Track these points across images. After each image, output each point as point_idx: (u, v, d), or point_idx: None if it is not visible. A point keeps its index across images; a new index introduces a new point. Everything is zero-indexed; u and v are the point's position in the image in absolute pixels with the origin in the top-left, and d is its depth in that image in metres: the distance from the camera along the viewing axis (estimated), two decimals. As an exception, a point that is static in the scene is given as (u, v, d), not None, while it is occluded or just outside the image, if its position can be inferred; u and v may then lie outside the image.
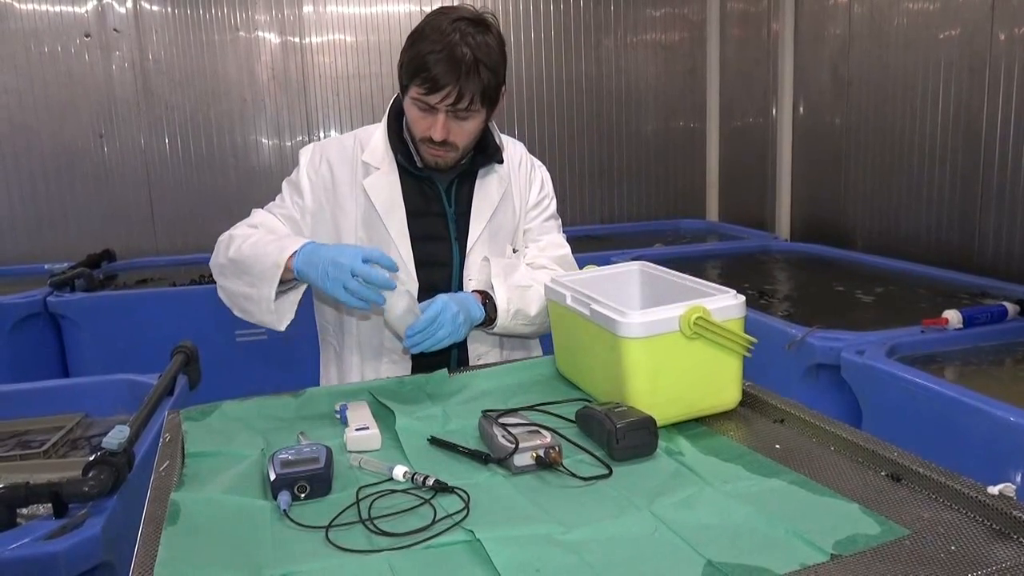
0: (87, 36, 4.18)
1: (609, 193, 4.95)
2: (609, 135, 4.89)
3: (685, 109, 4.98)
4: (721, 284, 1.39)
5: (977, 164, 3.11)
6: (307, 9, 4.40)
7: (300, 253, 1.52)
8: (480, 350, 1.77)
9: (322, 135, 4.51)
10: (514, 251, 1.80)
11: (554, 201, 1.87)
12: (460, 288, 1.72)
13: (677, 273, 1.51)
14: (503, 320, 1.65)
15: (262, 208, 1.78)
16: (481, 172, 1.74)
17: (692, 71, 4.95)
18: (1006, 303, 2.42)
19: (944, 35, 3.23)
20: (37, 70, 4.13)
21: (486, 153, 1.71)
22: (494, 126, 1.73)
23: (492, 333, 1.71)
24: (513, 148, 1.82)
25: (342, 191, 1.70)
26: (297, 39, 4.41)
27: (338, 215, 1.70)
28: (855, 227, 3.83)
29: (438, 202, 1.71)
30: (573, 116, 4.80)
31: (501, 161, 1.74)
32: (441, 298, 1.55)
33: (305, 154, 1.75)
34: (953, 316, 2.32)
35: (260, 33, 4.38)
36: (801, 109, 4.20)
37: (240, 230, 1.69)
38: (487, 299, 1.65)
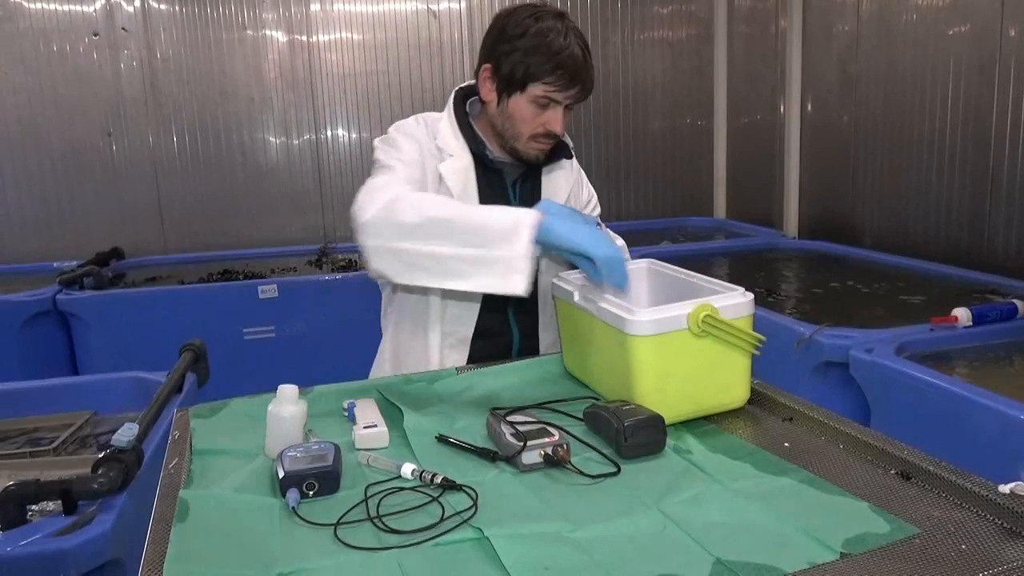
0: (95, 35, 4.19)
1: (616, 191, 4.94)
2: (616, 132, 4.88)
3: (692, 106, 4.97)
4: (729, 282, 1.39)
5: (987, 161, 3.10)
6: (314, 7, 4.40)
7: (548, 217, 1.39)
8: (547, 340, 1.80)
9: (329, 133, 4.52)
10: None
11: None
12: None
13: (685, 271, 1.50)
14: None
15: (375, 175, 1.62)
16: (546, 168, 1.78)
17: (699, 68, 4.94)
18: (1016, 301, 2.40)
19: (953, 32, 3.21)
20: (46, 69, 4.15)
21: (555, 148, 1.75)
22: None
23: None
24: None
25: (424, 166, 1.69)
26: (304, 37, 4.42)
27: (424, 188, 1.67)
28: (864, 224, 3.82)
29: (503, 195, 1.74)
30: (580, 113, 4.79)
31: (571, 156, 1.81)
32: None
33: (397, 130, 1.70)
34: (962, 314, 2.30)
35: (267, 31, 4.39)
36: (809, 106, 4.18)
37: (405, 190, 1.52)
38: None
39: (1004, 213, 3.04)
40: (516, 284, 1.35)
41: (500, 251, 1.36)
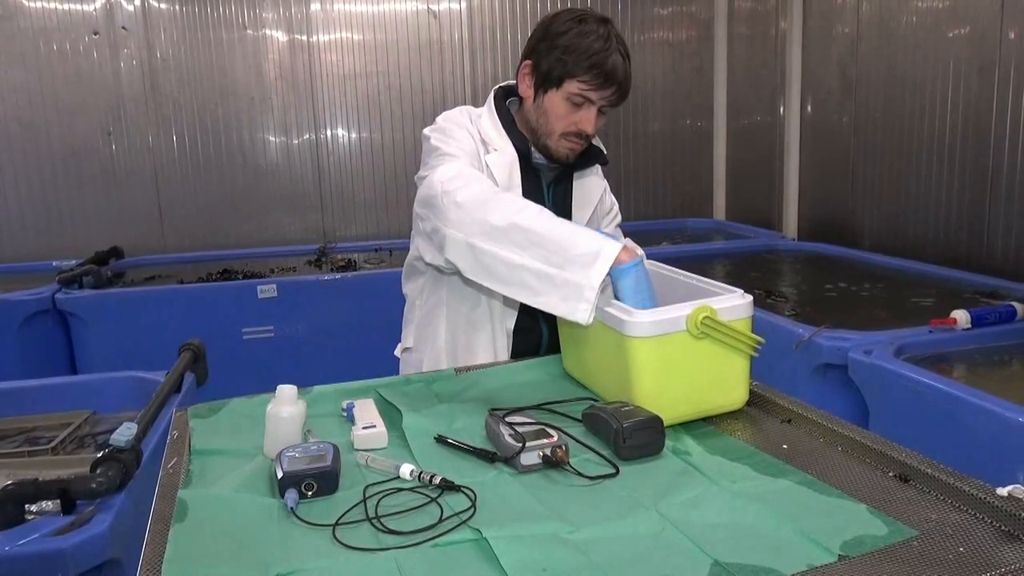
0: (95, 34, 4.19)
1: (616, 192, 4.89)
2: (616, 134, 4.88)
3: (692, 108, 4.97)
4: (728, 283, 1.39)
5: (986, 163, 3.10)
6: (314, 7, 4.40)
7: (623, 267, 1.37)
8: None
9: (329, 133, 4.52)
10: None
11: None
12: None
13: (684, 272, 1.51)
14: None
15: (442, 162, 1.60)
16: (578, 173, 1.80)
17: (699, 70, 4.94)
18: (1015, 303, 2.40)
19: (953, 34, 3.22)
20: (45, 68, 4.14)
21: (589, 153, 1.77)
22: None
23: None
24: None
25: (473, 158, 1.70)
26: (304, 37, 4.42)
27: None
28: (863, 226, 3.82)
29: (539, 195, 1.75)
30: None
31: (606, 162, 1.82)
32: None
33: (446, 120, 1.70)
34: (961, 316, 2.31)
35: (267, 31, 4.39)
36: (809, 108, 4.19)
37: (486, 184, 1.54)
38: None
39: (1003, 215, 3.04)
40: (580, 313, 1.32)
41: (574, 276, 1.33)
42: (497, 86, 1.79)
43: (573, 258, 1.34)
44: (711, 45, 4.89)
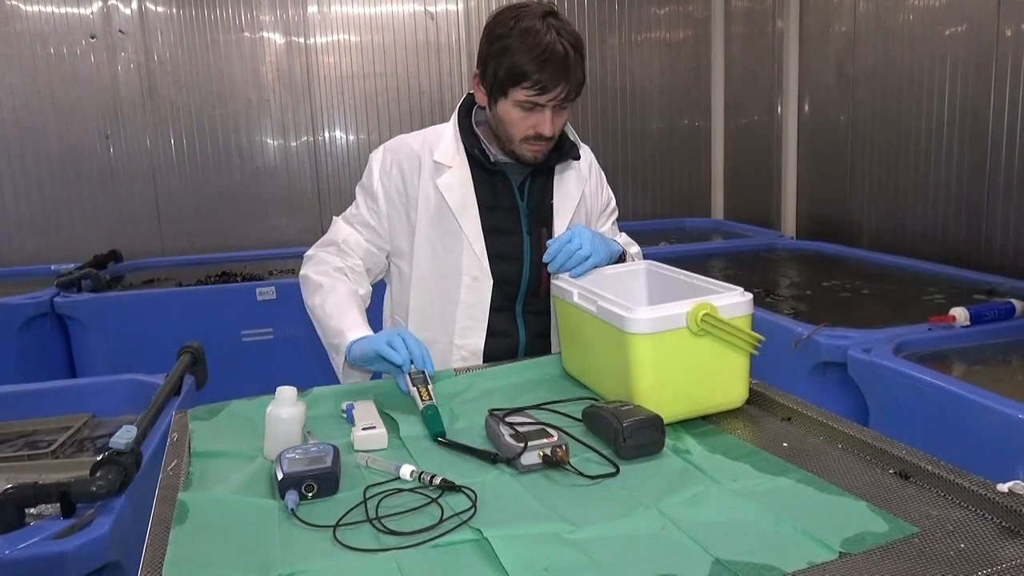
0: (93, 37, 4.19)
1: (614, 191, 4.88)
2: (614, 133, 4.88)
3: (690, 107, 4.97)
4: (727, 282, 1.39)
5: (984, 161, 3.10)
6: (312, 9, 4.40)
7: (351, 351, 1.58)
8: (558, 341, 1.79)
9: (327, 135, 4.52)
10: None
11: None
12: (533, 280, 1.74)
13: (684, 271, 1.51)
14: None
15: (339, 218, 1.80)
16: (559, 168, 1.77)
17: (697, 69, 4.94)
18: (1013, 300, 2.41)
19: (950, 31, 3.22)
20: (43, 71, 4.14)
21: (563, 149, 1.75)
22: (568, 123, 1.75)
23: None
24: (584, 150, 1.85)
25: (413, 191, 1.73)
26: (302, 39, 4.42)
27: (411, 215, 1.73)
28: (861, 225, 3.82)
29: (510, 197, 1.74)
30: (577, 114, 4.79)
31: (578, 157, 1.79)
32: (577, 225, 1.61)
33: (375, 159, 1.77)
34: (960, 313, 2.31)
35: (265, 33, 4.39)
36: (806, 107, 4.19)
37: (316, 269, 1.74)
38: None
39: (1001, 212, 3.05)
40: (340, 376, 1.66)
41: (331, 356, 1.67)
42: (468, 92, 1.75)
43: (329, 345, 1.67)
44: (708, 44, 4.89)
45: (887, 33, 3.55)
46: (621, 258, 1.71)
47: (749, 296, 1.33)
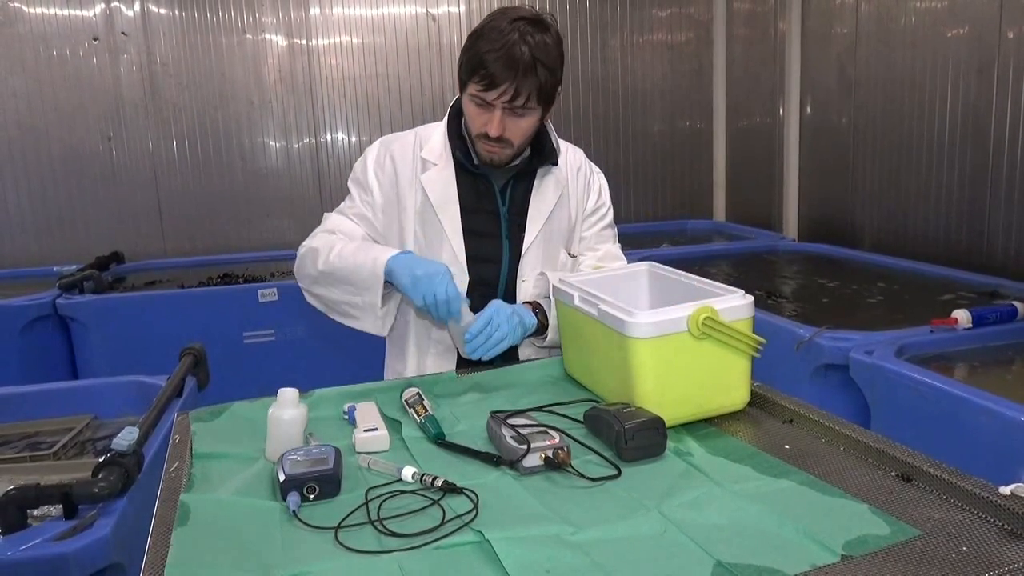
0: (95, 39, 4.19)
1: (616, 193, 4.86)
2: (615, 135, 4.88)
3: (692, 109, 4.98)
4: (729, 284, 1.39)
5: (986, 163, 3.10)
6: (314, 11, 4.41)
7: (394, 261, 1.56)
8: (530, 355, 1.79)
9: (329, 137, 4.52)
10: (571, 256, 1.82)
11: (611, 210, 1.90)
12: (510, 284, 1.75)
13: (685, 273, 1.51)
14: (552, 335, 1.67)
15: (333, 212, 1.80)
16: (539, 173, 1.76)
17: (699, 71, 4.94)
18: (1016, 303, 2.40)
19: (952, 34, 3.22)
20: (45, 73, 4.15)
21: (543, 154, 1.74)
22: (551, 128, 1.75)
23: (543, 346, 1.73)
24: (573, 153, 1.84)
25: (403, 186, 1.73)
26: (304, 41, 4.43)
27: (400, 209, 1.74)
28: (863, 227, 3.82)
29: (491, 199, 1.73)
30: (579, 116, 4.80)
31: (556, 163, 1.76)
32: (494, 302, 1.59)
33: (371, 152, 1.78)
34: (962, 316, 2.31)
35: (267, 35, 4.39)
36: (808, 109, 4.19)
37: (321, 239, 1.71)
38: (537, 309, 1.68)
39: (1003, 214, 3.05)
40: (383, 330, 1.66)
41: (364, 297, 1.60)
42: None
43: (361, 283, 1.60)
44: (710, 46, 4.90)
45: (889, 35, 3.55)
46: (539, 328, 1.67)
47: (750, 299, 1.33)
